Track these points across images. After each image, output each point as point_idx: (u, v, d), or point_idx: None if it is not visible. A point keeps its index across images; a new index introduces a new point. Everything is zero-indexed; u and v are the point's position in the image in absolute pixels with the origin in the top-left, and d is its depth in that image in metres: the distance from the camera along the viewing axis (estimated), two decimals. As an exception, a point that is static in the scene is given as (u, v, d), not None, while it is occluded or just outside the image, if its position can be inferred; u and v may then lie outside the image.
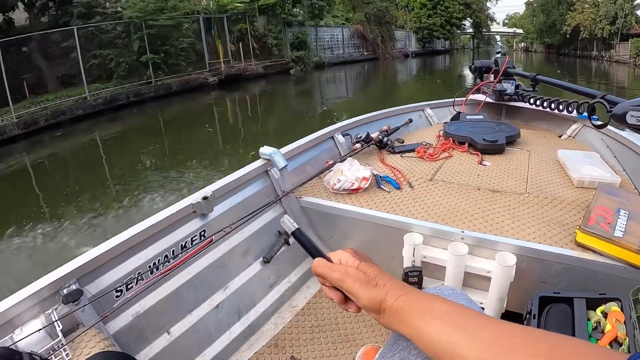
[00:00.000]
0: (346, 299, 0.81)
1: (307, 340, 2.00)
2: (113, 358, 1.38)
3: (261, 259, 2.24)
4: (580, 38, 41.52)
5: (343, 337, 1.99)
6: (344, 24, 37.66)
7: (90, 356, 1.36)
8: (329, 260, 0.84)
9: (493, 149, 2.72)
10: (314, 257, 0.86)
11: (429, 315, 0.69)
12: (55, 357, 1.33)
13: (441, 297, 0.74)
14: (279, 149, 2.43)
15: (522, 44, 77.32)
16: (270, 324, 2.15)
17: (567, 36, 43.19)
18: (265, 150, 2.37)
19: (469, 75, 26.50)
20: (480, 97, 3.87)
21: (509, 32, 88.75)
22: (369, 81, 27.48)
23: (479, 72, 4.03)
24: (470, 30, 64.11)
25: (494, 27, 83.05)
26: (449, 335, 0.65)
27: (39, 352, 1.29)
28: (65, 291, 1.47)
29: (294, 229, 0.90)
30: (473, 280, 1.86)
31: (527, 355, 0.58)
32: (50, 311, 1.44)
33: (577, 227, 1.71)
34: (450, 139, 2.92)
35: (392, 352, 0.82)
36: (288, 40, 27.23)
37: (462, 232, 1.84)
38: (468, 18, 57.48)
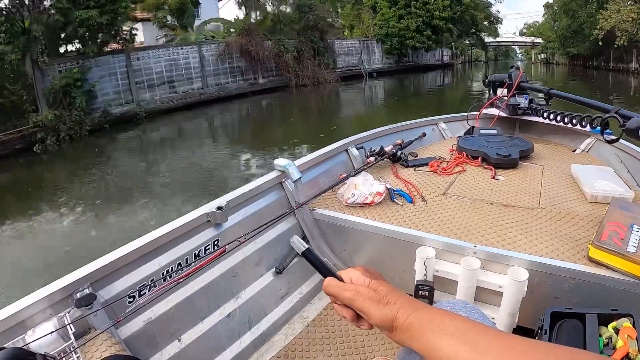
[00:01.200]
0: (358, 317, 0.81)
1: (317, 352, 2.01)
2: None
3: (273, 269, 2.26)
4: (615, 46, 30.57)
5: (353, 349, 1.99)
6: (206, 38, 26.22)
7: (101, 359, 1.39)
8: (339, 279, 0.85)
9: (506, 163, 2.72)
10: (325, 276, 0.86)
11: (439, 332, 0.69)
12: None
13: (452, 313, 0.74)
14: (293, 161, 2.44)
15: (542, 55, 68.98)
16: (280, 334, 2.16)
17: (599, 43, 31.59)
18: (280, 162, 2.39)
19: (476, 90, 25.04)
20: (493, 111, 3.88)
21: (525, 42, 79.00)
22: (239, 135, 16.75)
23: (493, 86, 4.03)
24: (466, 38, 56.23)
25: (508, 36, 77.17)
26: (459, 352, 0.65)
27: (51, 354, 1.31)
28: (78, 295, 1.50)
29: (303, 249, 0.90)
30: (485, 295, 1.86)
31: None
32: (62, 314, 1.47)
33: (590, 242, 1.70)
34: (464, 153, 2.92)
35: None
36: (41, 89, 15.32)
37: (475, 246, 1.84)
38: (462, 19, 48.06)
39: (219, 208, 2.02)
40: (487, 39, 64.95)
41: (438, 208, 2.25)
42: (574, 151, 3.19)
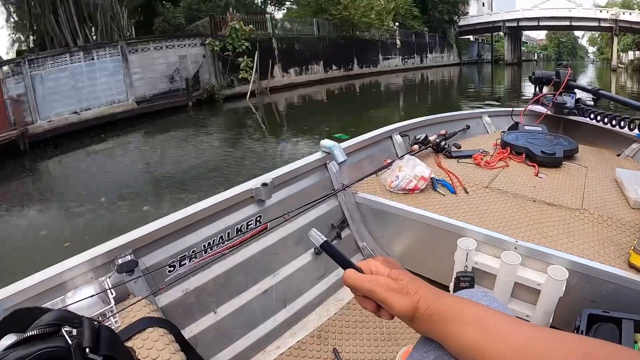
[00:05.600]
0: (379, 307, 0.80)
1: (350, 334, 2.04)
2: (158, 324, 1.45)
3: (312, 250, 2.29)
4: None
5: (385, 335, 2.02)
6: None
7: (136, 320, 1.44)
8: (359, 270, 0.82)
9: (550, 162, 2.69)
10: (344, 268, 0.84)
11: (459, 321, 0.69)
12: (105, 323, 1.38)
13: (472, 302, 0.75)
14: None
15: (635, 52, 43.22)
16: (314, 314, 2.19)
17: None
18: (325, 143, 2.41)
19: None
20: (538, 108, 3.83)
21: (599, 20, 42.59)
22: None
23: (539, 83, 3.99)
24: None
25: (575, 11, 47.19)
26: (480, 341, 0.66)
27: (89, 316, 1.38)
28: (120, 261, 1.55)
29: (322, 242, 0.87)
30: (522, 291, 1.86)
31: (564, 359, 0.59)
32: (103, 279, 1.51)
33: (632, 248, 1.69)
34: (508, 148, 2.91)
35: (420, 355, 0.80)
36: None
37: (516, 241, 1.84)
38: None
39: (264, 185, 2.05)
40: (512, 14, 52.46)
41: (480, 201, 2.25)
42: (619, 155, 3.14)
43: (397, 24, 39.05)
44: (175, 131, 15.30)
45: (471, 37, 64.54)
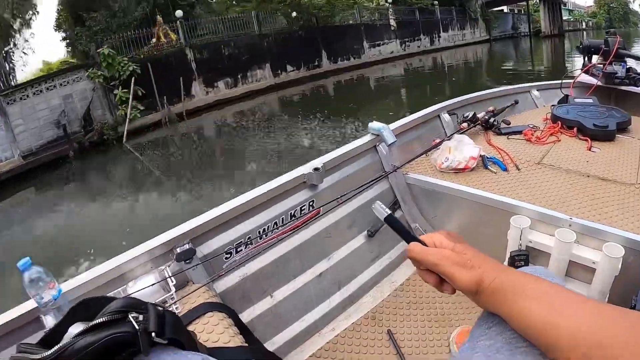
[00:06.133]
0: (442, 281, 0.80)
1: (404, 316, 2.07)
2: (217, 309, 1.50)
3: (365, 232, 2.31)
4: None
5: (440, 316, 2.04)
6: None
7: (196, 306, 1.50)
8: (423, 244, 0.83)
9: (603, 135, 2.63)
10: (408, 241, 0.84)
11: (525, 295, 0.69)
12: None
13: (537, 277, 0.74)
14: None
15: None
16: (368, 296, 2.23)
17: None
18: (374, 125, 2.43)
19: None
20: (588, 79, 3.74)
21: None
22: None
23: (587, 53, 3.87)
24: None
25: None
26: (546, 315, 0.65)
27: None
28: (178, 250, 1.61)
29: (386, 215, 0.88)
30: (576, 270, 1.83)
31: (631, 336, 0.58)
32: (163, 267, 1.59)
33: (690, 224, 1.67)
34: (559, 122, 2.85)
35: (480, 334, 0.80)
36: None
37: (570, 218, 1.81)
38: None
39: (316, 169, 2.08)
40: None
41: (532, 177, 2.23)
42: None
43: (387, 2, 31.45)
44: (46, 194, 11.97)
45: (505, 8, 56.58)
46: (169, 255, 1.65)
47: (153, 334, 0.82)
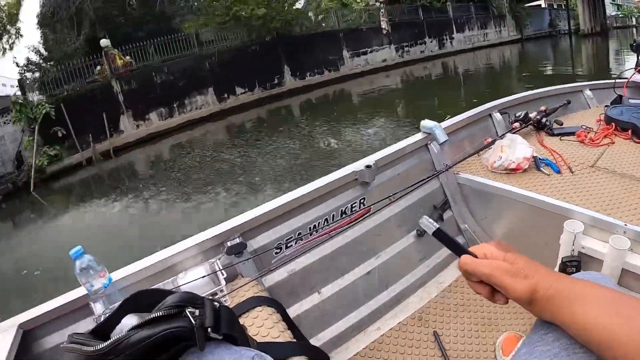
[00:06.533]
0: (493, 292, 0.81)
1: (451, 317, 2.06)
2: (266, 303, 1.52)
3: (415, 231, 2.31)
4: None
5: (486, 320, 2.03)
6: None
7: (245, 299, 1.53)
8: (473, 255, 0.83)
9: None
10: (458, 254, 0.85)
11: (582, 301, 0.69)
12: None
13: (593, 283, 0.74)
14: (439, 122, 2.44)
15: None
16: (415, 296, 2.23)
17: None
18: (426, 123, 2.42)
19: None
20: None
21: None
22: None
23: None
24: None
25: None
26: (605, 321, 0.65)
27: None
28: (229, 244, 1.65)
29: (434, 229, 0.90)
30: (630, 279, 1.77)
31: None
32: (213, 260, 1.61)
33: None
34: (613, 124, 2.77)
35: (536, 340, 0.80)
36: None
37: (625, 225, 1.76)
38: None
39: (368, 167, 2.08)
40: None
41: (586, 181, 2.18)
42: None
43: (378, 0, 27.42)
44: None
45: (542, 3, 50.42)
46: (219, 249, 1.68)
47: (209, 329, 0.85)
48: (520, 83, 18.40)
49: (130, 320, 0.87)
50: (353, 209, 2.11)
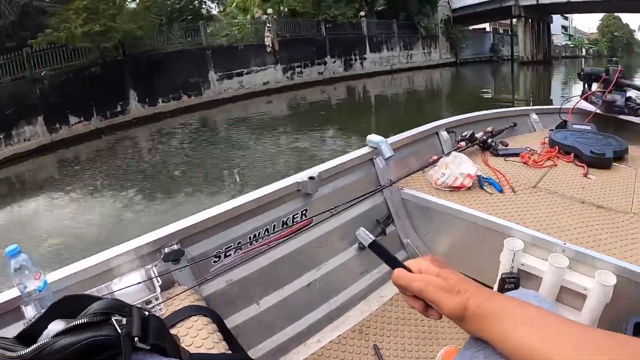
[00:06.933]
0: (427, 307, 0.80)
1: (391, 331, 2.05)
2: (202, 312, 1.48)
3: (357, 245, 2.29)
4: None
5: (427, 334, 2.02)
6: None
7: (180, 308, 1.48)
8: (408, 269, 0.82)
9: (599, 162, 2.63)
10: (393, 267, 0.84)
11: (511, 321, 0.69)
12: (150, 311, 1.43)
13: (523, 302, 0.74)
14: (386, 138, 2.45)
15: None
16: (356, 310, 2.21)
17: None
18: (373, 138, 2.42)
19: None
20: (587, 106, 3.77)
21: None
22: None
23: (588, 80, 3.89)
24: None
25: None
26: (533, 342, 0.65)
27: (134, 303, 1.41)
28: (166, 250, 1.60)
29: (370, 241, 0.87)
30: (567, 296, 1.82)
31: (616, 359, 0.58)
32: (150, 267, 1.56)
33: (683, 256, 1.67)
34: (556, 147, 2.86)
35: (468, 357, 0.79)
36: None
37: (564, 244, 1.81)
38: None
39: (311, 178, 2.06)
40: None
41: (528, 200, 2.22)
42: None
43: (266, 13, 22.87)
44: None
45: (487, 27, 51.11)
46: (156, 255, 1.63)
47: (136, 339, 0.80)
48: (443, 111, 17.62)
49: (56, 326, 0.82)
50: (295, 220, 2.08)
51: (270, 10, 23.08)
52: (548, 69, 37.20)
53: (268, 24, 22.41)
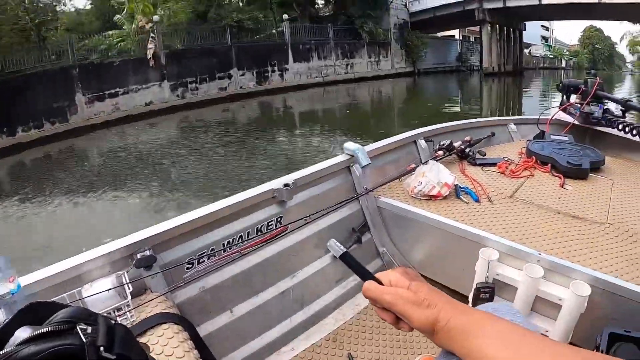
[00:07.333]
0: (398, 319, 0.80)
1: (366, 340, 2.04)
2: (173, 320, 1.46)
3: (332, 253, 2.29)
4: None
5: (401, 342, 2.02)
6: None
7: (151, 315, 1.46)
8: (379, 282, 0.82)
9: (576, 173, 2.65)
10: (364, 279, 0.84)
11: (482, 335, 0.69)
12: (120, 318, 1.40)
13: (493, 316, 0.74)
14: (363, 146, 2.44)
15: None
16: (331, 318, 2.20)
17: None
18: (349, 146, 2.41)
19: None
20: (565, 117, 3.80)
21: None
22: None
23: (566, 92, 3.95)
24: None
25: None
26: (501, 357, 0.65)
27: (105, 310, 1.38)
28: (138, 256, 1.57)
29: (341, 252, 0.88)
30: (542, 305, 1.83)
31: None
32: (121, 273, 1.52)
33: (657, 266, 1.68)
34: (533, 157, 2.87)
35: None
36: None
37: (540, 254, 1.81)
38: None
39: (286, 185, 2.05)
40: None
41: (504, 210, 2.23)
42: None
43: (152, 21, 18.98)
44: None
45: (456, 34, 49.00)
46: (128, 261, 1.60)
47: (101, 348, 0.78)
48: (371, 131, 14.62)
49: (23, 333, 0.79)
50: (269, 227, 2.07)
51: (156, 17, 19.20)
52: (518, 81, 34.28)
53: (152, 34, 19.00)
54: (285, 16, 24.77)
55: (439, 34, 43.36)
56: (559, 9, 33.84)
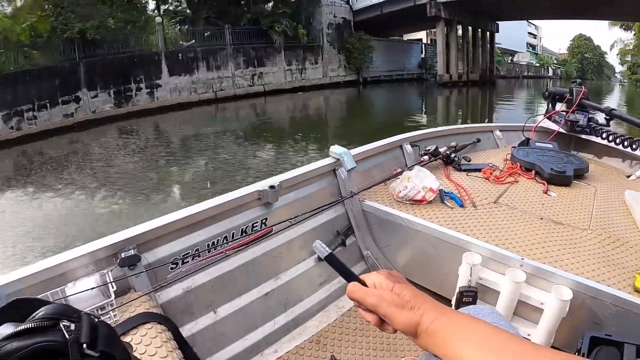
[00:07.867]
0: (382, 321, 0.79)
1: (350, 342, 2.04)
2: (157, 320, 1.46)
3: (316, 255, 2.27)
4: None
5: (385, 345, 2.02)
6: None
7: (135, 315, 1.45)
8: (363, 284, 0.82)
9: (560, 180, 2.68)
10: (348, 281, 0.84)
11: (463, 338, 0.69)
12: (103, 317, 1.39)
13: (476, 319, 0.74)
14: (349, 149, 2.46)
15: None
16: (314, 320, 2.20)
17: None
18: (336, 149, 2.42)
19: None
20: (550, 125, 3.84)
21: None
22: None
23: (552, 100, 3.98)
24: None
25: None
26: (481, 358, 0.66)
27: (88, 309, 1.36)
28: (123, 255, 1.57)
29: (326, 254, 0.88)
30: (525, 309, 1.85)
31: None
32: (105, 272, 1.52)
33: (638, 271, 1.69)
34: (518, 164, 2.90)
35: None
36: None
37: (522, 259, 1.83)
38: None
39: (272, 187, 2.05)
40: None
41: (488, 216, 2.24)
42: (629, 177, 3.11)
43: None
44: None
45: (424, 36, 42.41)
46: (112, 259, 1.60)
47: (84, 346, 0.77)
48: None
49: (5, 330, 0.78)
50: (254, 229, 2.06)
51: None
52: (486, 94, 28.48)
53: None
54: (157, 19, 20.47)
55: (405, 37, 38.46)
56: (530, 4, 29.47)
